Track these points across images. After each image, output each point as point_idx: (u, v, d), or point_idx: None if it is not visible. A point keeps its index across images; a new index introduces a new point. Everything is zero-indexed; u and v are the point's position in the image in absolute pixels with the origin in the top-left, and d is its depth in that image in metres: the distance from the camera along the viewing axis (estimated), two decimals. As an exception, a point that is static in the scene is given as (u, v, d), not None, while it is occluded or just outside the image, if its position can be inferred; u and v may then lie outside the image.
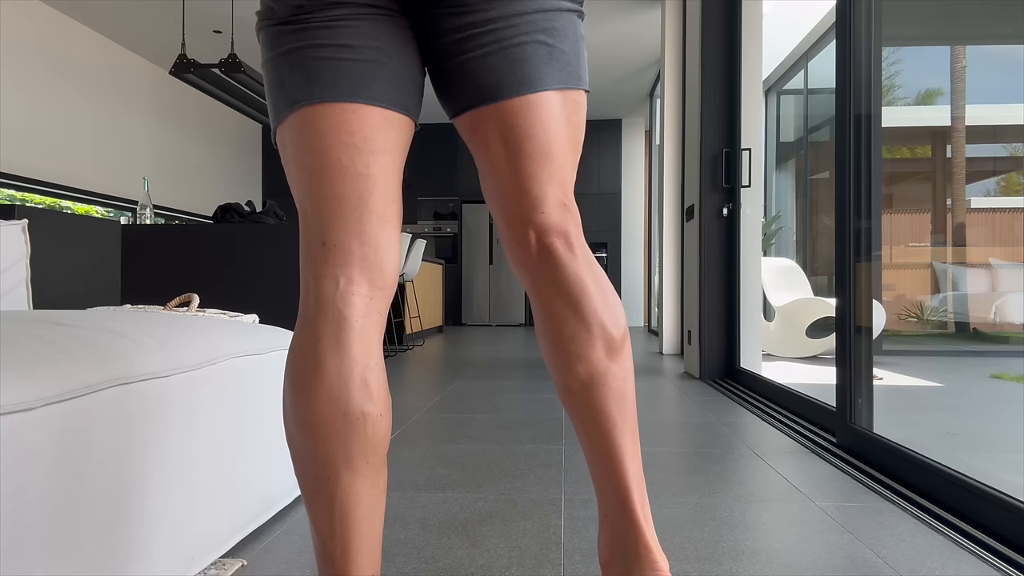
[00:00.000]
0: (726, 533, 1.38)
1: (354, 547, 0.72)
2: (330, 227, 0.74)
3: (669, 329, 5.23)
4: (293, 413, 0.73)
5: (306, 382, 0.72)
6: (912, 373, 4.13)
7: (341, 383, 0.71)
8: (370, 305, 0.74)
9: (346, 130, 0.74)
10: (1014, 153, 5.25)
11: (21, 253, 1.70)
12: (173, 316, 1.31)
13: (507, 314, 9.28)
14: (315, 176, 0.75)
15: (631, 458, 0.84)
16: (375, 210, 0.75)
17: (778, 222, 6.98)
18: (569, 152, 0.83)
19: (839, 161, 2.11)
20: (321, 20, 0.75)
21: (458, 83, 0.80)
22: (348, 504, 0.72)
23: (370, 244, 0.75)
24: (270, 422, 1.39)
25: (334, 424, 0.71)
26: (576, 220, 0.85)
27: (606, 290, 0.84)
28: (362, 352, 0.72)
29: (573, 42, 0.81)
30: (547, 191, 0.81)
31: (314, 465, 0.72)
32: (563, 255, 0.82)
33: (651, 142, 8.69)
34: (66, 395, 0.79)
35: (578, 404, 0.85)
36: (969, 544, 1.31)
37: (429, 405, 2.87)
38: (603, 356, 0.82)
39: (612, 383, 0.83)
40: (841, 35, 2.13)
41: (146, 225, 3.63)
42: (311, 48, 0.75)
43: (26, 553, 0.73)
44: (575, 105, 0.82)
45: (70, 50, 5.83)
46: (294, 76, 0.75)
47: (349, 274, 0.74)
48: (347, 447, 0.71)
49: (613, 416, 0.83)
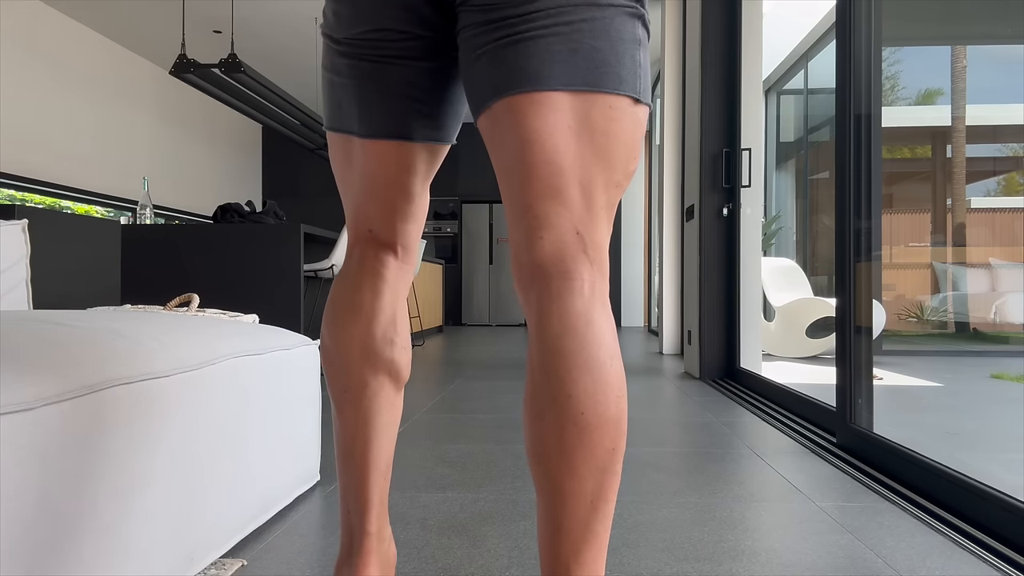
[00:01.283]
0: (726, 533, 1.38)
1: (372, 446, 0.88)
2: (375, 221, 0.89)
3: (669, 329, 5.23)
4: (331, 334, 0.88)
5: (348, 315, 0.88)
6: (912, 373, 4.13)
7: (376, 317, 0.88)
8: (400, 272, 0.91)
9: (392, 160, 0.85)
10: (1015, 153, 5.25)
11: (21, 253, 1.70)
12: (173, 316, 1.31)
13: (507, 314, 9.28)
14: (366, 186, 0.88)
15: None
16: (410, 213, 0.90)
17: (778, 222, 6.98)
18: (596, 168, 0.70)
19: (839, 161, 2.11)
20: (373, 58, 0.81)
21: (473, 81, 0.75)
22: (371, 411, 0.88)
23: (402, 235, 0.91)
24: (270, 422, 1.39)
25: (367, 343, 0.87)
26: (594, 258, 0.70)
27: (592, 366, 0.66)
28: (391, 300, 0.89)
29: (616, 41, 0.70)
30: (548, 212, 0.69)
31: (346, 375, 0.88)
32: (546, 308, 0.67)
33: (651, 142, 8.68)
34: (66, 395, 0.79)
35: (538, 494, 0.70)
36: (969, 544, 1.31)
37: (429, 405, 2.87)
38: (565, 448, 0.66)
39: (573, 485, 0.66)
40: (841, 35, 2.13)
41: (146, 225, 3.63)
42: (364, 87, 0.83)
43: (26, 553, 0.73)
44: (612, 112, 0.70)
45: (70, 50, 5.83)
46: (351, 106, 0.85)
47: (387, 251, 0.91)
48: (375, 362, 0.88)
49: (564, 524, 0.67)
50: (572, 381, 0.66)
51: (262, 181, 9.35)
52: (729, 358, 3.66)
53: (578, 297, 0.67)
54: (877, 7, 2.07)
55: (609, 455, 0.67)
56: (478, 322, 9.32)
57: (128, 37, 6.31)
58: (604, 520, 0.68)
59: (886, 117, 5.54)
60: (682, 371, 4.07)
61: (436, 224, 9.37)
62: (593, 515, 0.67)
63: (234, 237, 3.56)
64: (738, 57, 3.58)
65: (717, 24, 3.64)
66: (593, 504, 0.67)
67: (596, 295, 0.69)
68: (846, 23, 2.10)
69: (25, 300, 1.70)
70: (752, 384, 3.26)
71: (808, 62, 6.49)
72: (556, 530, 0.67)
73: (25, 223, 1.73)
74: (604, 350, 0.67)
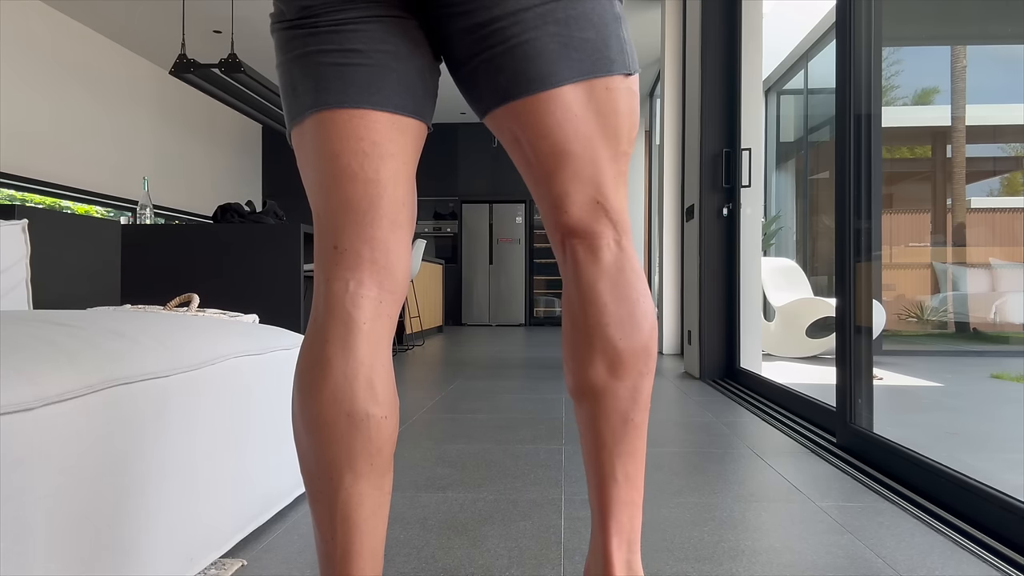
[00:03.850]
0: (726, 533, 1.38)
1: (355, 549, 0.72)
2: (341, 232, 0.75)
3: (669, 329, 5.23)
4: (300, 412, 0.74)
5: (312, 382, 0.73)
6: (912, 373, 4.13)
7: (346, 383, 0.71)
8: (379, 308, 0.75)
9: (354, 136, 0.74)
10: (1018, 153, 5.25)
11: (21, 253, 1.70)
12: (173, 316, 1.31)
13: (507, 314, 9.28)
14: (326, 181, 0.75)
15: (620, 483, 0.80)
16: (385, 215, 0.76)
17: (778, 222, 6.98)
18: (602, 145, 0.77)
19: (839, 161, 2.11)
20: (329, 24, 0.74)
21: (474, 86, 0.78)
22: (350, 505, 0.72)
23: (380, 248, 0.75)
24: (270, 422, 1.39)
25: (338, 425, 0.71)
26: (615, 220, 0.79)
27: (626, 300, 0.78)
28: (368, 354, 0.73)
29: (599, 26, 0.75)
30: (569, 189, 0.78)
31: (318, 465, 0.73)
32: (582, 259, 0.79)
33: (651, 142, 8.68)
34: (66, 395, 0.79)
35: (578, 415, 0.83)
36: (969, 544, 1.31)
37: (429, 405, 2.87)
38: (602, 372, 0.78)
39: (610, 403, 0.79)
40: (841, 35, 2.13)
41: (146, 225, 3.63)
42: (320, 53, 0.75)
43: (26, 553, 0.73)
44: (609, 93, 0.76)
45: (70, 50, 5.83)
46: (305, 82, 0.76)
47: (359, 277, 0.74)
48: (351, 448, 0.72)
49: (605, 438, 0.79)
50: (608, 313, 0.78)
51: (262, 181, 9.35)
52: (729, 358, 3.66)
53: (606, 250, 0.79)
54: (877, 7, 2.07)
55: (640, 376, 0.79)
56: (478, 322, 9.31)
57: (128, 37, 6.31)
58: (639, 430, 0.81)
59: (886, 117, 5.54)
60: (682, 371, 4.07)
61: (436, 224, 9.37)
62: (626, 426, 0.80)
63: (234, 237, 3.56)
64: (738, 57, 3.58)
65: (717, 24, 3.64)
66: (627, 414, 0.80)
67: (623, 249, 0.80)
68: (846, 23, 2.10)
69: (25, 300, 1.70)
70: (752, 384, 3.26)
71: (808, 62, 6.49)
72: (600, 446, 0.80)
73: (25, 223, 1.73)
74: (635, 289, 0.79)
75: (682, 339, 4.78)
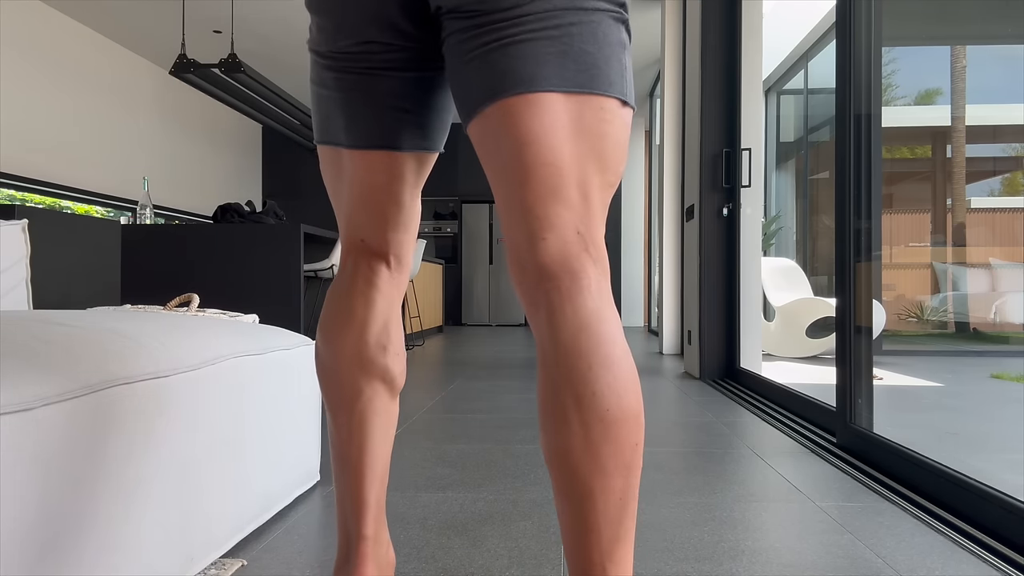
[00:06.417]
0: (726, 533, 1.38)
1: (368, 449, 0.89)
2: (366, 231, 0.91)
3: (669, 329, 5.23)
4: (325, 342, 0.90)
5: (339, 322, 0.89)
6: (912, 373, 4.13)
7: (368, 323, 0.89)
8: (392, 279, 0.92)
9: (379, 170, 0.86)
10: (1018, 153, 5.25)
11: (21, 253, 1.70)
12: (173, 316, 1.31)
13: (507, 314, 9.28)
14: (354, 198, 0.89)
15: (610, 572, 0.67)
16: (400, 223, 0.91)
17: (778, 222, 6.98)
18: (593, 169, 0.70)
19: (839, 161, 2.11)
20: (341, 61, 0.82)
21: (463, 86, 0.74)
22: (366, 415, 0.89)
23: (394, 244, 0.92)
24: (270, 422, 1.39)
25: (360, 350, 0.89)
26: (596, 257, 0.70)
27: (610, 357, 0.66)
28: (384, 308, 0.91)
29: (603, 44, 0.71)
30: (549, 213, 0.68)
31: (340, 382, 0.89)
32: (558, 307, 0.67)
33: (651, 142, 8.69)
34: (66, 395, 0.79)
35: (558, 499, 0.70)
36: (969, 544, 1.31)
37: (429, 405, 2.87)
38: (594, 442, 0.66)
39: (600, 487, 0.66)
40: (841, 35, 2.13)
41: (146, 225, 3.63)
42: (326, 90, 0.85)
43: (26, 553, 0.73)
44: (603, 115, 0.70)
45: (70, 50, 5.83)
46: (318, 111, 0.88)
47: (379, 258, 0.92)
48: (369, 369, 0.89)
49: (598, 524, 0.66)
50: (595, 378, 0.66)
51: (262, 181, 9.35)
52: (729, 358, 3.66)
53: (588, 296, 0.68)
54: (877, 7, 2.07)
55: (633, 450, 0.67)
56: (478, 322, 9.31)
57: (128, 37, 6.31)
58: (632, 516, 0.69)
59: (886, 117, 5.54)
60: (682, 371, 4.07)
61: (436, 224, 9.37)
62: (623, 513, 0.67)
63: (234, 237, 3.56)
64: (738, 57, 3.58)
65: (717, 24, 3.64)
66: (622, 501, 0.67)
67: (603, 293, 0.69)
68: (846, 23, 2.10)
69: (25, 300, 1.70)
70: (752, 384, 3.26)
71: (808, 62, 6.49)
72: (588, 531, 0.67)
73: (25, 223, 1.73)
74: (618, 346, 0.67)
75: (682, 339, 4.78)
